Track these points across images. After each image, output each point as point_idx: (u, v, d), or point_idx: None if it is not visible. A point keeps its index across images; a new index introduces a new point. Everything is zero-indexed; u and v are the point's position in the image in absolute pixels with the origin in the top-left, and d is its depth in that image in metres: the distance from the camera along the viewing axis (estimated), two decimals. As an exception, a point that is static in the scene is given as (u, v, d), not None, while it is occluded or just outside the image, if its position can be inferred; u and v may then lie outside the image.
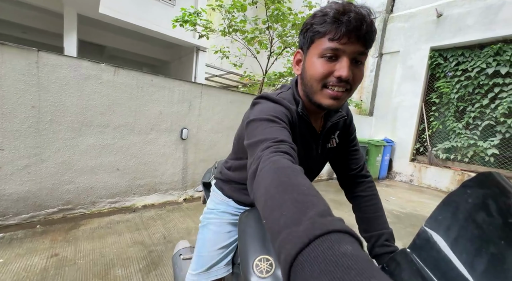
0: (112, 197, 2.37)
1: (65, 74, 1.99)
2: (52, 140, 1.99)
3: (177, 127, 2.70)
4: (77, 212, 2.18)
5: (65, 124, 2.04)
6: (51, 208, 2.04)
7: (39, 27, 5.43)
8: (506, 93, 4.16)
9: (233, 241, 0.77)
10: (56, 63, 1.94)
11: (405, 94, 5.21)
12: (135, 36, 6.07)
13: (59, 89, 1.98)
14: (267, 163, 0.37)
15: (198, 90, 2.80)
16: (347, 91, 0.52)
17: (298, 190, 0.30)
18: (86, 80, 2.10)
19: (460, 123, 4.66)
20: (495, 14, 4.15)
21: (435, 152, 4.95)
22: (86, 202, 2.23)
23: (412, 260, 0.36)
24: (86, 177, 2.20)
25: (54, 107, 1.97)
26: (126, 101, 2.33)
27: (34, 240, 1.69)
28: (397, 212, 3.05)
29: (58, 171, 2.05)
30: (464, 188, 0.37)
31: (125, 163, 2.40)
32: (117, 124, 2.31)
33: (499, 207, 0.33)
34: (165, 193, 2.73)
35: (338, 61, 0.50)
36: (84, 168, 2.18)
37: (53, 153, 2.01)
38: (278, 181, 0.33)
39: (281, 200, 0.29)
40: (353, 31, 0.47)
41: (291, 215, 0.26)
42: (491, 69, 4.28)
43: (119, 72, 2.26)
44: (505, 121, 4.17)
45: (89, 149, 2.18)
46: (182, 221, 2.23)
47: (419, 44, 5.00)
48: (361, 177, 0.75)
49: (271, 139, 0.44)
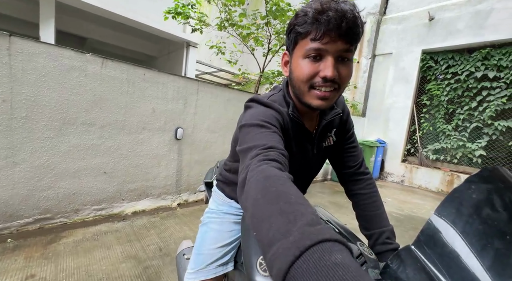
0: (98, 203, 2.12)
1: (43, 64, 1.73)
2: (27, 140, 1.72)
3: (171, 126, 2.48)
4: (57, 221, 1.91)
5: (43, 122, 1.77)
6: (25, 218, 1.77)
7: (10, 14, 4.92)
8: (493, 97, 4.31)
9: (235, 240, 0.76)
10: (33, 51, 1.68)
11: (397, 96, 5.27)
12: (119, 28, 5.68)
13: (36, 81, 1.71)
14: (255, 173, 0.37)
15: (195, 86, 2.60)
16: (335, 90, 0.52)
17: (285, 199, 0.30)
18: (68, 72, 1.84)
19: (450, 125, 4.78)
20: (484, 19, 4.28)
21: (426, 153, 5.06)
22: (68, 210, 1.97)
23: (416, 257, 0.35)
24: (68, 182, 1.94)
25: (30, 101, 1.70)
26: (115, 97, 2.09)
27: (4, 259, 1.43)
28: (396, 214, 3.03)
29: (34, 175, 1.78)
30: (469, 183, 0.36)
31: (113, 165, 2.16)
32: (104, 122, 2.06)
33: (504, 202, 0.33)
34: (157, 198, 2.51)
35: (323, 60, 0.49)
36: (66, 171, 1.92)
37: (28, 155, 1.74)
38: (265, 192, 0.33)
39: (269, 211, 0.29)
40: (333, 30, 0.46)
41: (279, 227, 0.26)
42: (479, 73, 4.41)
43: (108, 64, 2.02)
44: (492, 123, 4.31)
45: (71, 150, 1.92)
46: (179, 230, 2.03)
47: (411, 46, 5.08)
48: (360, 174, 0.74)
49: (260, 146, 0.44)
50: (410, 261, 0.36)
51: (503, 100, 4.18)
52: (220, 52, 3.75)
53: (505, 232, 0.30)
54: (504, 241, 0.30)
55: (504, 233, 0.30)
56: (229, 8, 3.36)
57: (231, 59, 3.99)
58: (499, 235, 0.30)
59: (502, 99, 4.19)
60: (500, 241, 0.30)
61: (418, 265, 0.35)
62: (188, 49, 6.00)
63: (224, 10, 3.35)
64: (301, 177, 0.72)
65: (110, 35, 6.23)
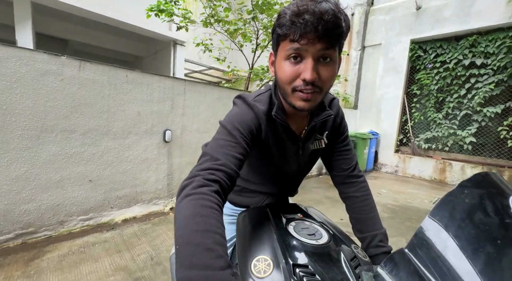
0: (84, 213, 2.03)
1: (13, 70, 1.61)
2: (1, 151, 1.61)
3: (159, 128, 2.39)
4: (41, 235, 1.82)
5: (18, 131, 1.66)
6: (5, 234, 1.67)
7: (-16, 18, 4.66)
8: (481, 84, 4.34)
9: (229, 240, 0.77)
10: (0, 55, 1.56)
11: (388, 86, 5.28)
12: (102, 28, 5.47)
13: (6, 87, 1.60)
14: (192, 198, 0.41)
15: (181, 86, 2.50)
16: (317, 92, 0.51)
17: (214, 239, 0.36)
18: (43, 77, 1.73)
19: (440, 113, 4.82)
20: (470, 6, 4.29)
21: (418, 142, 5.10)
22: (52, 222, 1.87)
23: (409, 260, 0.36)
24: (50, 193, 1.84)
25: (1, 110, 1.59)
26: (96, 101, 1.98)
27: (-17, 279, 1.35)
28: (391, 206, 3.03)
29: (12, 188, 1.67)
30: (461, 188, 0.37)
31: (98, 173, 2.06)
32: (86, 128, 1.96)
33: (496, 207, 0.34)
34: (148, 204, 2.43)
35: (303, 62, 0.49)
36: (48, 182, 1.82)
37: (3, 168, 1.63)
38: (204, 224, 0.38)
39: (195, 243, 0.35)
40: (310, 32, 0.45)
41: (202, 262, 0.33)
42: (467, 60, 4.44)
43: (85, 66, 1.91)
44: (481, 110, 4.36)
45: (52, 159, 1.82)
46: (171, 236, 1.96)
47: (400, 36, 5.07)
48: (354, 177, 0.74)
49: (214, 160, 0.48)
50: (404, 265, 0.37)
51: (491, 87, 4.22)
52: (208, 50, 3.64)
53: (497, 237, 0.31)
54: (495, 246, 0.30)
55: (496, 237, 0.31)
56: (214, 4, 3.25)
57: (219, 56, 3.89)
58: (490, 239, 0.31)
59: (490, 86, 4.23)
60: (492, 245, 0.30)
61: (411, 268, 0.35)
62: (175, 47, 5.84)
63: (208, 6, 3.24)
64: (287, 178, 0.73)
65: (93, 36, 6.00)
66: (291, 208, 0.69)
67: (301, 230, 0.55)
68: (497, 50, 4.17)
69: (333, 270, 0.45)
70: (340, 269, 0.46)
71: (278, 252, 0.47)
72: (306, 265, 0.45)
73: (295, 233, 0.53)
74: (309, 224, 0.58)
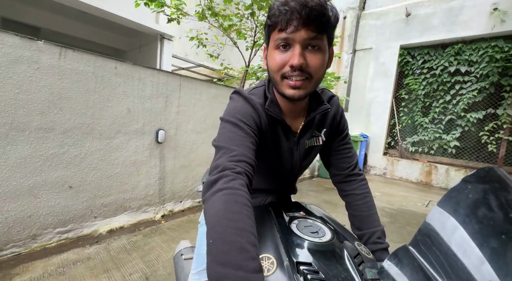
0: (63, 224, 1.75)
1: (-25, 53, 1.32)
2: (-43, 153, 1.31)
3: (151, 128, 2.15)
4: (7, 253, 1.52)
5: (-19, 128, 1.37)
6: (-39, 254, 1.37)
7: None
8: (465, 90, 4.55)
9: None
10: (-41, 34, 1.27)
11: (378, 90, 5.37)
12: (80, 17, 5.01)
13: (-34, 75, 1.30)
14: (225, 192, 0.41)
15: (176, 82, 2.28)
16: (307, 79, 0.53)
17: (248, 239, 0.36)
18: (13, 64, 1.45)
19: (427, 117, 4.99)
20: (456, 16, 4.48)
21: (405, 145, 5.24)
22: (22, 237, 1.58)
23: (413, 257, 0.36)
24: (20, 202, 1.55)
25: (-41, 102, 1.29)
26: (79, 95, 1.72)
27: None
28: (389, 210, 3.02)
29: (-29, 198, 1.37)
30: (465, 183, 0.37)
31: (81, 178, 1.79)
32: (66, 126, 1.68)
33: (500, 201, 0.33)
34: (137, 211, 2.18)
35: (290, 50, 0.51)
36: (17, 189, 1.53)
37: (-40, 173, 1.33)
38: (238, 222, 0.37)
39: (229, 240, 0.35)
40: (295, 19, 0.48)
41: (235, 261, 0.33)
42: (452, 67, 4.63)
43: (67, 54, 1.64)
44: (465, 115, 4.57)
45: (23, 162, 1.53)
46: (167, 249, 1.75)
47: (390, 42, 5.18)
48: (354, 176, 0.74)
49: (231, 152, 0.48)
50: (407, 261, 0.37)
51: (474, 93, 4.43)
52: (202, 45, 3.42)
53: (501, 232, 0.31)
54: (500, 241, 0.30)
55: (500, 232, 0.31)
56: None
57: (212, 52, 3.68)
58: (495, 234, 0.31)
59: (473, 92, 4.44)
60: (496, 240, 0.30)
61: (415, 264, 0.35)
62: (162, 42, 5.51)
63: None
64: (283, 174, 0.72)
65: (69, 25, 5.49)
66: (294, 206, 0.69)
67: (304, 228, 0.55)
68: (479, 58, 4.39)
69: (337, 268, 0.45)
70: (344, 266, 0.46)
71: (282, 250, 0.48)
72: (309, 263, 0.45)
73: (298, 231, 0.53)
74: (312, 222, 0.58)
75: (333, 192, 3.72)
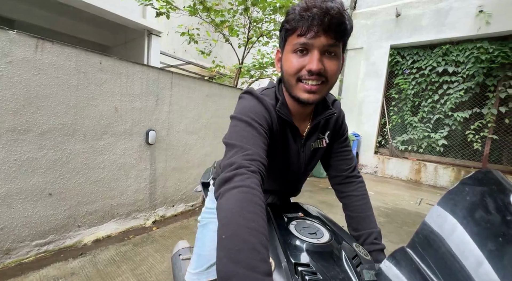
0: (42, 236, 1.58)
1: None
2: None
3: (140, 128, 2.00)
4: (-23, 271, 1.34)
5: None
6: None
7: None
8: (452, 90, 4.67)
9: None
10: None
11: (369, 90, 5.42)
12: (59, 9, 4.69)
13: None
14: (240, 190, 0.41)
15: (168, 79, 2.14)
16: (323, 83, 0.54)
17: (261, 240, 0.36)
18: (-20, 56, 1.27)
19: (416, 117, 5.08)
20: (444, 17, 4.57)
21: (395, 144, 5.32)
22: (-5, 253, 1.40)
23: (411, 258, 0.36)
24: (-9, 214, 1.37)
25: None
26: (59, 93, 1.55)
27: None
28: (384, 209, 3.03)
29: None
30: (463, 185, 0.37)
31: (62, 184, 1.63)
32: (45, 127, 1.51)
33: (497, 204, 0.33)
34: (126, 218, 2.02)
35: (309, 54, 0.52)
36: (-13, 200, 1.35)
37: None
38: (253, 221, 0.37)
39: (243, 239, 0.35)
40: (316, 25, 0.49)
41: (247, 260, 0.33)
42: (440, 68, 4.73)
43: (45, 47, 1.47)
44: (452, 115, 4.69)
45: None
46: (160, 259, 1.62)
47: (380, 41, 5.23)
48: (352, 178, 0.75)
49: (245, 151, 0.48)
50: (405, 263, 0.37)
51: (460, 93, 4.56)
52: (193, 41, 3.27)
53: (499, 234, 0.30)
54: (497, 243, 0.30)
55: (498, 235, 0.30)
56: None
57: (204, 49, 3.54)
58: (492, 237, 0.30)
59: (460, 92, 4.56)
60: (494, 243, 0.30)
61: (413, 266, 0.35)
62: (150, 38, 5.27)
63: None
64: (289, 175, 0.72)
65: (47, 18, 5.13)
66: (292, 207, 0.69)
67: (302, 229, 0.55)
68: (466, 59, 4.51)
69: (335, 269, 0.45)
70: (342, 268, 0.46)
71: (280, 251, 0.47)
72: (307, 264, 0.45)
73: (297, 232, 0.53)
74: (310, 223, 0.58)
75: (329, 192, 3.69)
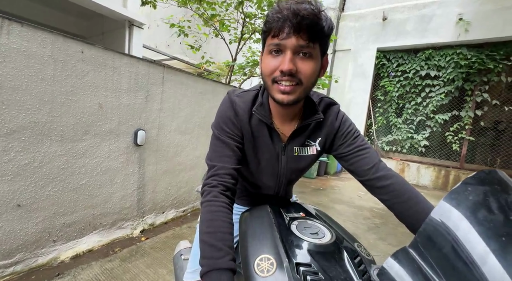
0: (7, 255, 1.33)
1: None
2: None
3: (128, 128, 1.78)
4: None
5: None
6: None
7: None
8: (434, 93, 4.88)
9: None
10: None
11: (356, 91, 5.52)
12: (27, -7, 4.19)
13: None
14: (204, 205, 0.55)
15: (159, 74, 1.94)
16: (297, 85, 0.53)
17: (216, 237, 0.49)
18: None
19: (400, 118, 5.26)
20: (428, 23, 4.76)
21: (380, 144, 5.47)
22: None
23: (413, 258, 0.36)
24: None
25: None
26: (32, 85, 1.30)
27: None
28: (377, 210, 3.05)
29: None
30: (465, 185, 0.37)
31: (34, 192, 1.38)
32: (12, 126, 1.26)
33: (500, 204, 0.33)
34: (111, 228, 1.80)
35: (282, 55, 0.52)
36: None
37: None
38: (210, 227, 0.51)
39: (203, 241, 0.49)
40: (287, 27, 0.49)
41: (207, 253, 0.47)
42: (423, 71, 4.93)
43: (13, 30, 1.22)
44: (433, 117, 4.91)
45: None
46: (153, 276, 1.44)
47: (368, 44, 5.34)
48: (382, 179, 0.60)
49: (213, 168, 0.58)
50: (407, 263, 0.36)
51: (441, 96, 4.78)
52: (183, 34, 3.05)
53: (502, 234, 0.30)
54: (500, 243, 0.29)
55: (501, 235, 0.30)
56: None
57: (193, 44, 3.33)
58: (495, 237, 0.30)
59: (441, 95, 4.78)
60: (497, 243, 0.30)
61: (415, 266, 0.35)
62: (131, 29, 4.89)
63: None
64: (267, 178, 0.71)
65: (16, 4, 4.58)
66: (293, 207, 0.69)
67: (304, 229, 0.55)
68: (447, 64, 4.74)
69: (336, 269, 0.46)
70: (343, 268, 0.46)
71: (281, 251, 0.48)
72: (309, 264, 0.46)
73: (298, 232, 0.54)
74: (312, 223, 0.58)
75: (322, 193, 3.67)
